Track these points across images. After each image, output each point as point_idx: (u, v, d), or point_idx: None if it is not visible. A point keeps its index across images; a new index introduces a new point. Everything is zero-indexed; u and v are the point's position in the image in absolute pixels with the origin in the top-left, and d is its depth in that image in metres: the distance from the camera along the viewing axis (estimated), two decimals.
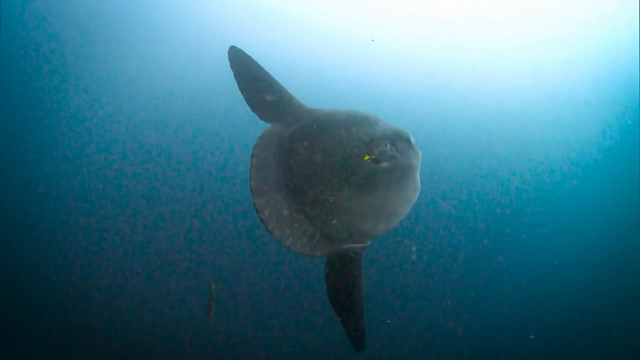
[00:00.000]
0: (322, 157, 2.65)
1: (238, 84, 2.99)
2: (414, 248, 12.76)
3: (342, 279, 2.57)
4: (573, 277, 15.54)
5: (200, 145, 17.39)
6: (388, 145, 2.67)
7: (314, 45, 20.12)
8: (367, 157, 2.63)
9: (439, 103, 20.58)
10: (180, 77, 18.35)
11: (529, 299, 14.87)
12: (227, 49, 3.08)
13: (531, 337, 13.25)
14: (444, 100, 20.56)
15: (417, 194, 2.74)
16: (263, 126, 2.96)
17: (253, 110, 2.96)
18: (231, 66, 3.01)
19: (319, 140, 2.70)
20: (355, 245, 2.65)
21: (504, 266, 15.96)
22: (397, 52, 20.40)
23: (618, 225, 16.78)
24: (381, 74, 20.74)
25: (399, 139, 2.74)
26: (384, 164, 2.63)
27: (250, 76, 2.97)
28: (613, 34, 17.23)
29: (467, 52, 19.67)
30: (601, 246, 16.60)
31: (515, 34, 18.96)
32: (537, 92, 20.06)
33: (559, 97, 19.95)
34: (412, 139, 2.81)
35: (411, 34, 19.69)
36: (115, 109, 17.23)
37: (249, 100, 2.96)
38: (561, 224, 17.62)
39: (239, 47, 3.09)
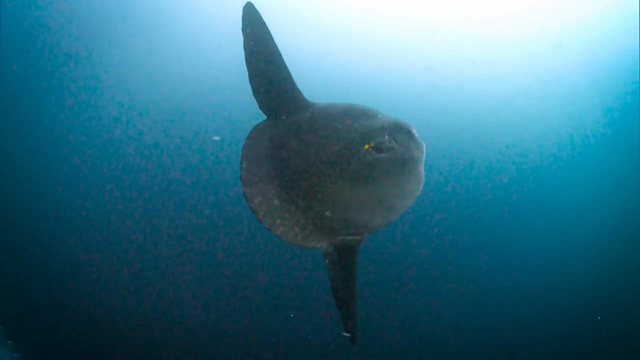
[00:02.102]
0: (315, 150, 2.61)
1: (246, 55, 2.64)
2: None
3: (339, 271, 2.54)
4: (568, 269, 15.54)
5: (202, 143, 17.48)
6: (386, 137, 2.62)
7: (311, 39, 20.03)
8: (366, 146, 2.58)
9: (436, 94, 20.56)
10: (182, 74, 18.45)
11: (525, 294, 14.89)
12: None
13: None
14: (441, 92, 20.54)
15: (421, 187, 2.67)
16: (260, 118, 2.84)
17: (255, 94, 2.72)
18: (243, 28, 2.63)
19: (313, 133, 2.65)
20: (351, 237, 2.61)
21: (498, 260, 15.99)
22: (394, 45, 20.35)
23: (614, 211, 16.92)
24: (377, 66, 20.68)
25: (398, 131, 2.68)
26: (382, 155, 2.58)
27: (260, 48, 2.63)
28: (605, 20, 17.27)
29: (462, 42, 19.65)
30: (596, 232, 16.74)
31: (509, 24, 18.97)
32: (530, 78, 20.15)
33: (551, 81, 20.03)
34: (413, 131, 2.76)
35: (407, 28, 19.64)
36: (117, 108, 17.32)
37: (254, 77, 2.68)
38: (558, 212, 17.70)
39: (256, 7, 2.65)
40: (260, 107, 2.79)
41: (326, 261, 2.57)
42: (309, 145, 2.63)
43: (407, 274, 14.29)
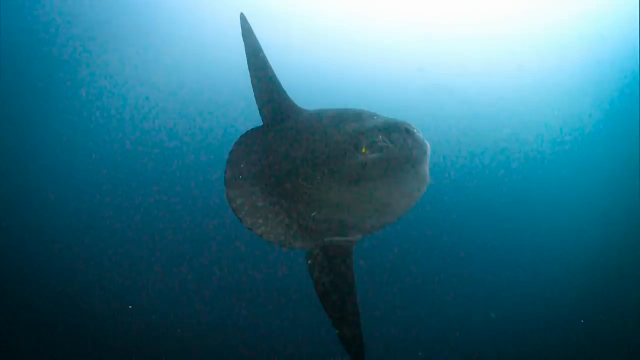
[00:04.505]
0: (303, 152, 2.57)
1: (249, 61, 2.81)
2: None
3: (327, 275, 2.41)
4: (563, 269, 15.46)
5: (202, 143, 17.67)
6: (380, 137, 2.54)
7: (300, 41, 20.04)
8: (364, 150, 2.50)
9: (429, 98, 20.66)
10: (178, 75, 18.70)
11: (523, 296, 14.78)
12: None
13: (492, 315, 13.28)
14: (433, 95, 20.64)
15: (424, 187, 2.58)
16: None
17: (257, 96, 2.81)
18: (243, 35, 2.84)
19: (303, 137, 2.63)
20: (340, 238, 2.50)
21: (492, 262, 15.92)
22: (385, 47, 20.41)
23: (608, 210, 16.97)
24: (368, 67, 20.74)
25: (393, 130, 2.60)
26: (373, 155, 2.50)
27: (254, 57, 2.81)
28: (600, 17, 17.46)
29: (454, 43, 19.76)
30: (591, 232, 16.77)
31: (499, 28, 19.17)
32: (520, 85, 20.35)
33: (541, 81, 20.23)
34: (413, 130, 2.68)
35: (403, 31, 19.74)
36: (118, 108, 17.47)
37: (255, 85, 2.80)
38: (555, 210, 17.75)
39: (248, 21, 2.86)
40: (260, 114, 2.83)
41: (308, 262, 2.46)
42: (297, 149, 2.60)
43: (406, 276, 14.17)
